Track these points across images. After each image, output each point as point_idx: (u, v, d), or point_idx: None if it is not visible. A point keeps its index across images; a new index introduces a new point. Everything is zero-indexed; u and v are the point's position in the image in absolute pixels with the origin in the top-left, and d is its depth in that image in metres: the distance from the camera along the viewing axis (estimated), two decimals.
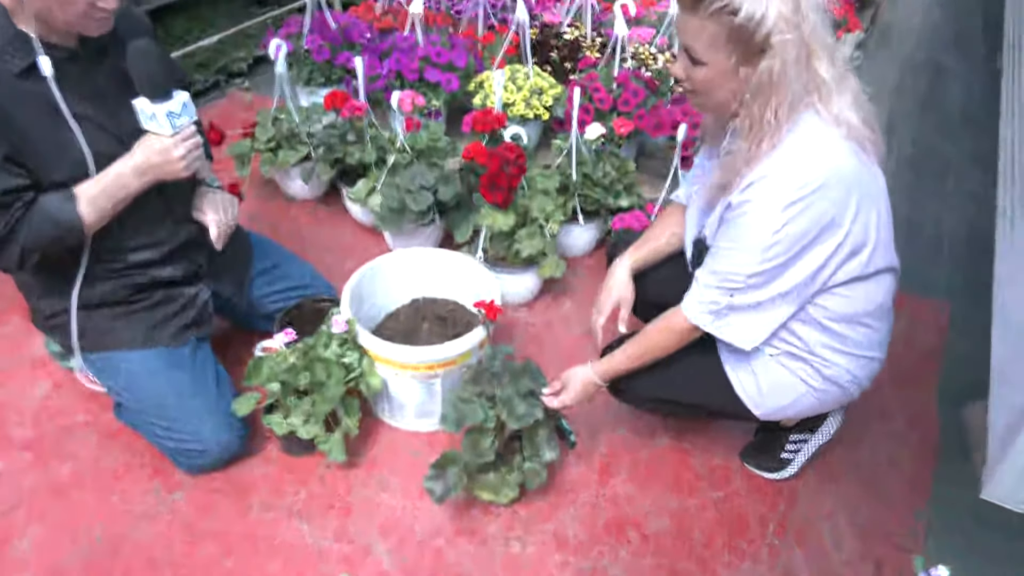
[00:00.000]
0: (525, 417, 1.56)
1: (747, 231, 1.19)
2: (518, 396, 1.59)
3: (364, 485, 1.74)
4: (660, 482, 1.78)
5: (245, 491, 1.71)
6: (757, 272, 1.22)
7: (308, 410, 1.65)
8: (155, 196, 1.50)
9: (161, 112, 1.44)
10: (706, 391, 1.54)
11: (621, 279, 1.63)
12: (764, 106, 1.13)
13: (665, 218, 1.66)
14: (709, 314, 1.30)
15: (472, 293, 1.99)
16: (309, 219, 2.62)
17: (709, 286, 1.28)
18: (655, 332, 1.45)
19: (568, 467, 1.80)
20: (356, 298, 1.84)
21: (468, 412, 1.56)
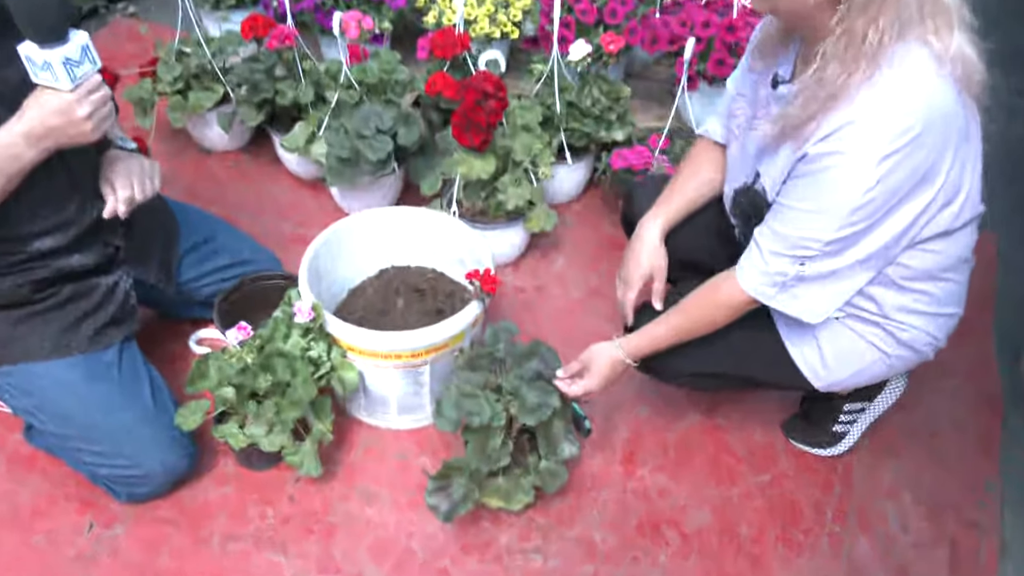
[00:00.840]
0: (540, 409, 1.50)
1: (831, 190, 1.13)
2: (527, 384, 1.52)
3: (345, 499, 1.67)
4: (695, 469, 1.75)
5: (200, 519, 1.63)
6: (837, 238, 1.16)
7: (271, 418, 1.56)
8: (57, 168, 1.38)
9: (56, 60, 1.28)
10: (757, 362, 1.50)
11: (652, 244, 1.55)
12: (869, 22, 1.05)
13: (696, 160, 1.56)
14: (772, 286, 1.24)
15: (453, 257, 1.92)
16: (233, 175, 2.50)
17: (775, 253, 1.22)
18: (700, 305, 1.39)
19: (586, 459, 1.76)
20: (313, 275, 1.75)
21: (472, 409, 1.48)
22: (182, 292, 1.83)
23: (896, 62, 1.11)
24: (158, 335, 1.94)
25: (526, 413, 1.50)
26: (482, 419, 1.49)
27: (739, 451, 1.76)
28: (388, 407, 1.74)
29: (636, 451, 1.76)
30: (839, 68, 1.12)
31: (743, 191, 1.40)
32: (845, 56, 1.11)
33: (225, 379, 1.58)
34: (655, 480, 1.71)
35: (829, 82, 1.13)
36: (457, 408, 1.50)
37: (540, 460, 1.59)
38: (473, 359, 1.60)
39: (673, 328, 1.43)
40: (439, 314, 1.85)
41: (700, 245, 1.60)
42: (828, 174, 1.16)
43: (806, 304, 1.28)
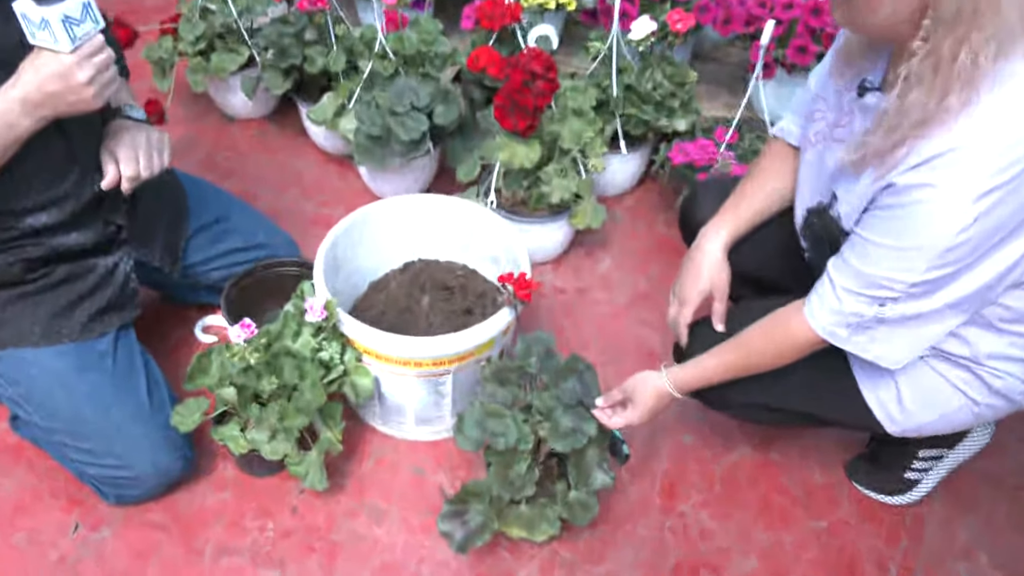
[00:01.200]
0: (574, 436, 1.43)
1: (920, 227, 1.04)
2: (562, 406, 1.44)
3: (352, 516, 1.63)
4: (743, 508, 1.68)
5: (194, 527, 1.60)
6: (924, 280, 1.07)
7: (275, 424, 1.50)
8: (54, 137, 1.34)
9: (55, 18, 1.22)
10: (822, 399, 1.42)
11: (714, 258, 1.45)
12: (959, 42, 0.94)
13: (767, 166, 1.47)
14: (846, 327, 1.15)
15: (486, 254, 1.85)
16: (255, 145, 2.45)
17: (851, 292, 1.13)
18: (763, 340, 1.30)
19: (622, 489, 1.70)
20: (331, 266, 1.69)
21: (497, 429, 1.41)
22: (188, 276, 1.78)
23: (997, 85, 0.99)
24: (160, 320, 1.91)
25: (558, 438, 1.43)
26: (507, 441, 1.42)
27: (794, 491, 1.70)
28: (404, 416, 1.69)
29: (677, 483, 1.70)
30: (925, 94, 1.01)
31: (816, 212, 1.30)
32: (934, 80, 1.01)
33: (227, 377, 1.53)
34: (697, 517, 1.65)
35: (915, 108, 1.02)
36: (480, 427, 1.43)
37: (569, 489, 1.51)
38: (501, 371, 1.53)
39: (729, 364, 1.35)
40: (468, 315, 1.79)
41: (765, 261, 1.51)
42: (917, 209, 1.06)
43: (884, 349, 1.19)
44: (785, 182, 1.46)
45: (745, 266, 1.52)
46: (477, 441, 1.45)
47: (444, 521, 1.46)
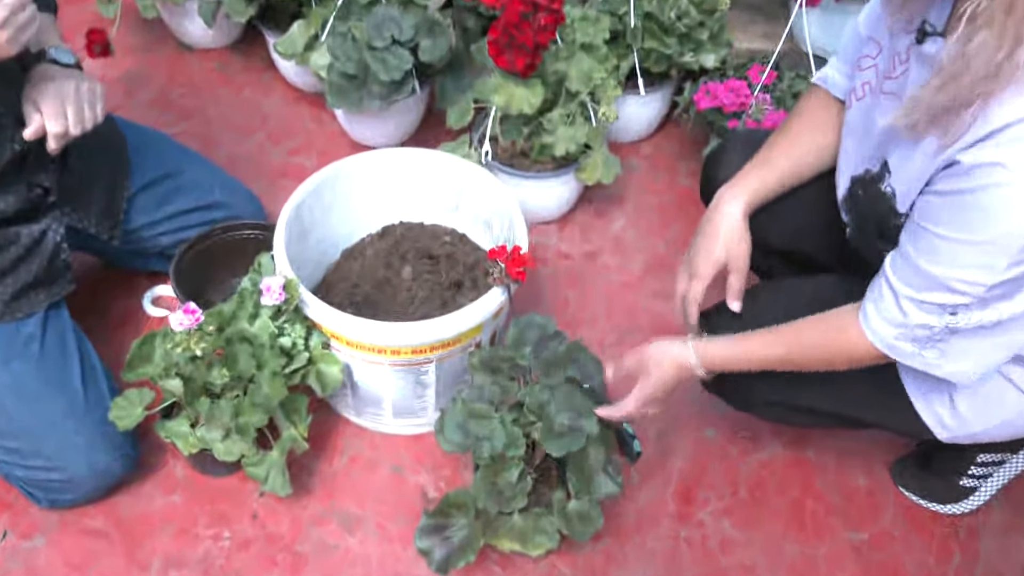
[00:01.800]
0: (571, 435, 1.37)
1: (992, 215, 0.97)
2: (555, 400, 1.39)
3: (320, 523, 1.59)
4: (771, 515, 1.64)
5: (138, 535, 1.56)
6: (1004, 281, 1.00)
7: (228, 422, 1.44)
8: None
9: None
10: (863, 403, 1.36)
11: (731, 225, 1.36)
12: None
13: (805, 116, 1.38)
14: (912, 341, 1.10)
15: (479, 216, 1.79)
16: (216, 80, 2.38)
17: (915, 301, 1.05)
18: (815, 340, 1.23)
19: (632, 492, 1.65)
20: (296, 230, 1.63)
21: (481, 432, 1.35)
22: (132, 242, 1.73)
23: None
24: (102, 290, 1.85)
25: (552, 440, 1.37)
26: (494, 447, 1.37)
27: (831, 497, 1.66)
28: (382, 408, 1.64)
29: (696, 486, 1.66)
30: (995, 39, 0.91)
31: (862, 181, 1.20)
32: (1005, 22, 0.90)
33: (172, 366, 1.46)
34: (718, 526, 1.61)
35: (979, 57, 0.92)
36: (462, 430, 1.38)
37: (569, 498, 1.45)
38: (492, 359, 1.46)
39: (769, 354, 1.26)
40: (456, 289, 1.74)
41: (800, 230, 1.43)
42: (988, 195, 0.96)
43: (960, 364, 1.11)
44: (826, 137, 1.36)
45: (775, 236, 1.45)
46: (460, 445, 1.39)
47: (423, 536, 1.42)
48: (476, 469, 1.47)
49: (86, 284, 1.76)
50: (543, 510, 1.49)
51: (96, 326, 1.69)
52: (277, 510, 1.60)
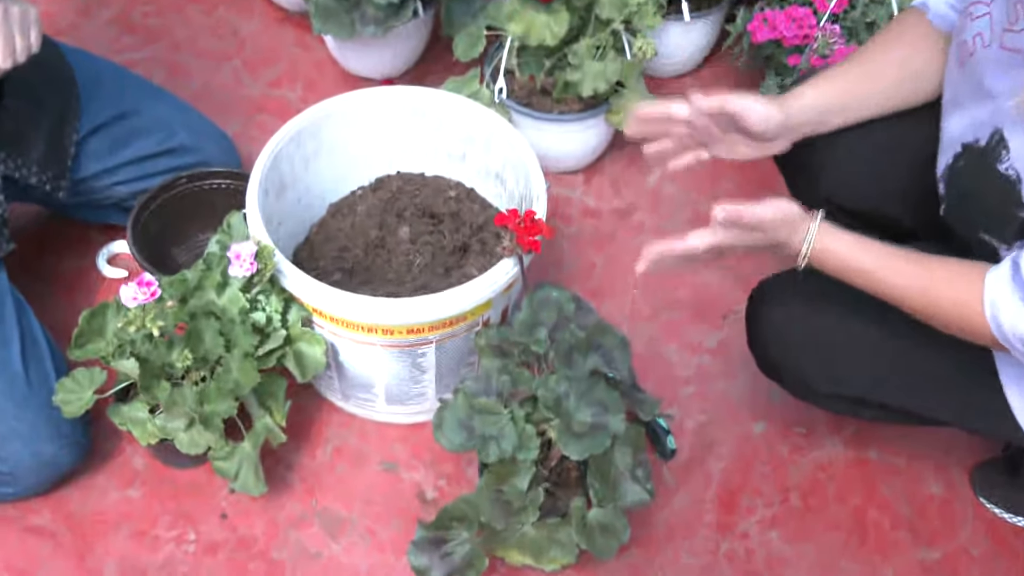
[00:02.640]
0: (594, 436, 1.35)
1: None
2: (578, 393, 1.36)
3: (300, 525, 1.58)
4: (828, 527, 1.62)
5: (90, 536, 1.56)
6: None
7: (191, 410, 1.43)
8: None
9: None
10: (945, 398, 1.33)
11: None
12: None
13: (894, 35, 1.33)
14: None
15: (489, 167, 1.75)
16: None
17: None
18: (946, 295, 1.15)
19: (665, 496, 1.64)
20: (274, 183, 1.61)
21: (487, 431, 1.33)
22: (82, 193, 1.70)
23: None
24: (48, 247, 1.82)
25: (570, 439, 1.34)
26: (501, 449, 1.33)
27: (899, 507, 1.64)
28: (372, 393, 1.62)
29: (740, 491, 1.65)
30: None
31: (969, 153, 1.14)
32: None
33: (127, 344, 1.43)
34: (765, 539, 1.60)
35: None
36: (464, 428, 1.35)
37: (591, 507, 1.43)
38: (502, 342, 1.43)
39: (892, 279, 1.18)
40: (462, 254, 1.71)
41: (889, 186, 1.39)
42: None
43: None
44: (921, 61, 1.31)
45: (855, 192, 1.41)
46: (462, 445, 1.37)
47: (418, 552, 1.40)
48: (482, 470, 1.45)
49: (28, 240, 1.73)
50: (559, 520, 1.46)
51: (41, 291, 1.67)
52: (250, 510, 1.59)
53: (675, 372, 1.77)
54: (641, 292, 1.88)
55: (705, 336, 1.82)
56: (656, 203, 2.04)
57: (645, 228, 1.99)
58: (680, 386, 1.76)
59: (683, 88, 2.21)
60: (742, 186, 2.04)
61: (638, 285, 1.88)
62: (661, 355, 1.79)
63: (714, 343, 1.82)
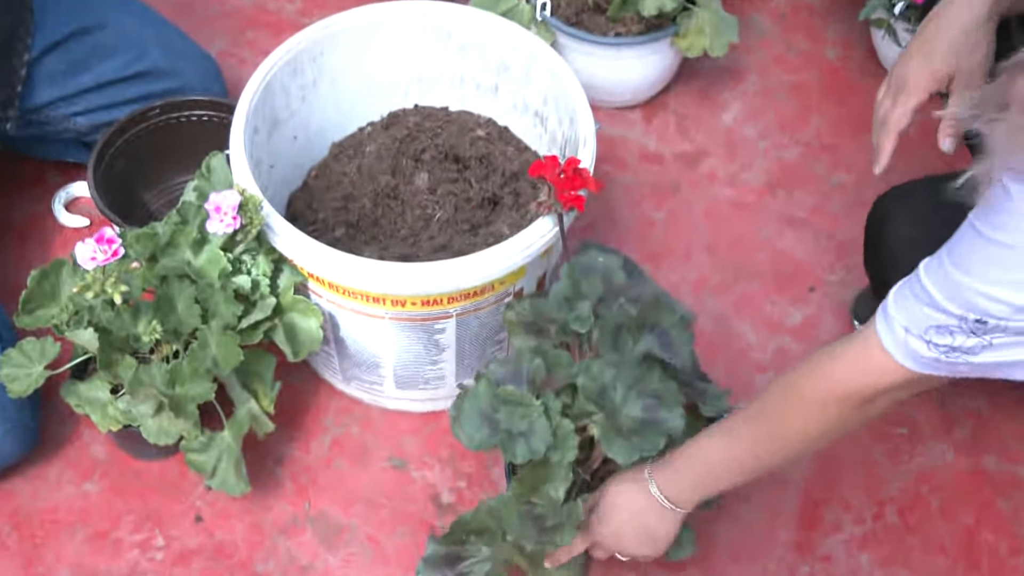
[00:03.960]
0: (645, 435, 1.33)
1: None
2: (627, 382, 1.35)
3: (290, 532, 1.60)
4: (931, 550, 1.61)
5: (41, 537, 1.58)
6: None
7: (159, 393, 1.44)
8: None
9: None
10: None
11: (970, 25, 1.35)
12: None
13: None
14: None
15: (526, 102, 1.75)
16: None
17: None
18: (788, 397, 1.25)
19: (733, 507, 1.64)
20: (265, 117, 1.61)
21: (515, 426, 1.33)
22: (34, 125, 1.72)
23: None
24: (8, 188, 1.85)
25: (616, 439, 1.33)
26: (532, 449, 1.33)
27: (1020, 528, 1.64)
28: (380, 375, 1.63)
29: (824, 503, 1.64)
30: None
31: None
32: None
33: (84, 311, 1.45)
34: (853, 563, 1.59)
35: None
36: (487, 423, 1.34)
37: None
38: (537, 319, 1.43)
39: (737, 450, 1.29)
40: (491, 209, 1.71)
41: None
42: None
43: None
44: None
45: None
46: (484, 442, 1.37)
47: (430, 570, 1.40)
48: (509, 472, 1.46)
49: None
50: None
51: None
52: (230, 511, 1.61)
53: (749, 356, 1.77)
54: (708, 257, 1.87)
55: (787, 312, 1.82)
56: (731, 148, 2.03)
57: (717, 178, 1.99)
58: (755, 373, 1.75)
59: (768, 7, 2.23)
60: (835, 124, 2.05)
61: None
62: (733, 335, 1.79)
63: (797, 320, 1.81)
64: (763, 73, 2.13)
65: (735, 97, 2.09)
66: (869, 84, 2.03)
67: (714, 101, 2.08)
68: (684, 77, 2.09)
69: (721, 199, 1.96)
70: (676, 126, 2.05)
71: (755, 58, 2.14)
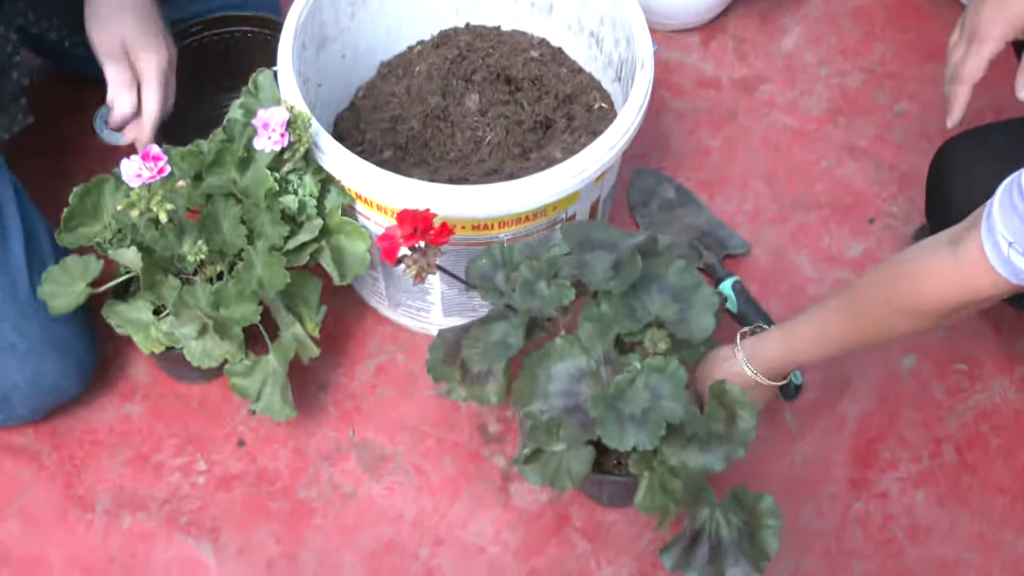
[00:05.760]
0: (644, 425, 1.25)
1: None
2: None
3: (333, 459, 1.61)
4: (990, 491, 1.60)
5: (81, 460, 1.59)
6: None
7: (203, 314, 1.43)
8: None
9: None
10: None
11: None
12: None
13: None
14: None
15: (581, 23, 1.73)
16: None
17: None
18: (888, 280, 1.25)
19: (785, 443, 1.63)
20: (313, 34, 1.60)
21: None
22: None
23: None
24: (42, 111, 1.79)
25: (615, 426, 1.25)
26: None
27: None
28: (427, 301, 1.63)
29: (880, 440, 1.63)
30: None
31: None
32: None
33: (128, 230, 1.45)
34: (908, 501, 1.59)
35: None
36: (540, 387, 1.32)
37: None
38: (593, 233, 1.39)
39: (833, 327, 1.31)
40: (543, 132, 1.69)
41: None
42: None
43: None
44: None
45: None
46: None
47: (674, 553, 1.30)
48: None
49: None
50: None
51: (30, 167, 1.66)
52: (273, 437, 1.61)
53: (807, 288, 1.75)
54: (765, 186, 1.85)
55: (846, 244, 1.80)
56: (791, 73, 2.00)
57: (776, 105, 1.96)
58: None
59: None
60: (900, 51, 2.02)
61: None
62: (790, 266, 1.77)
63: (857, 253, 1.79)
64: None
65: (796, 21, 2.06)
66: (936, 9, 2.01)
67: (774, 25, 2.06)
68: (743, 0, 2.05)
69: (779, 127, 1.94)
70: (734, 50, 2.03)
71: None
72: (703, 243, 1.75)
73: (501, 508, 1.55)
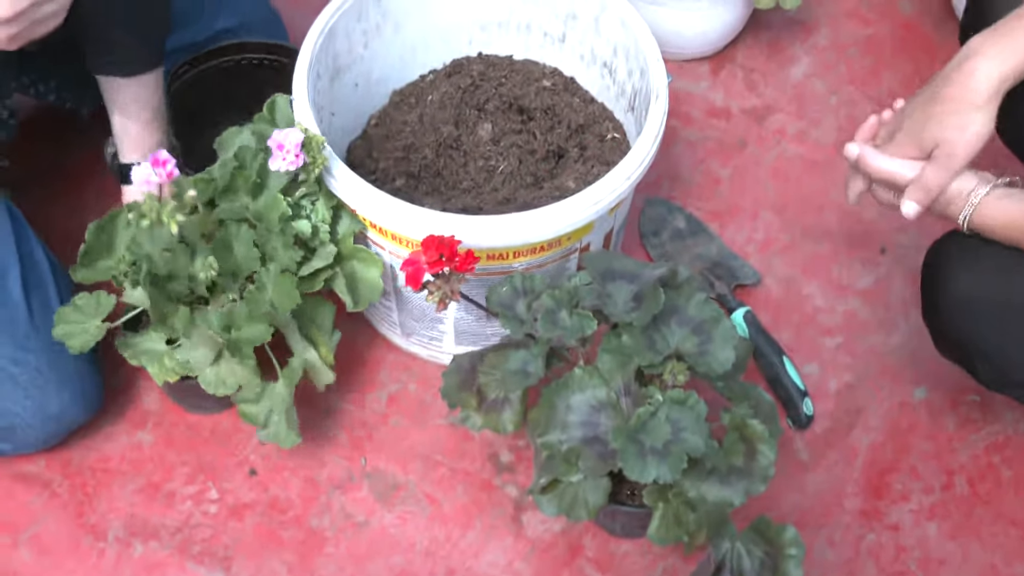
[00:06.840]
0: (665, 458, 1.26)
1: None
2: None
3: (345, 488, 1.61)
4: (1001, 522, 1.60)
5: (93, 488, 1.59)
6: None
7: (218, 336, 1.43)
8: None
9: None
10: None
11: (972, 99, 1.32)
12: None
13: None
14: None
15: (593, 52, 1.74)
16: None
17: None
18: None
19: (797, 472, 1.63)
20: (327, 63, 1.61)
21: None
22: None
23: None
24: (46, 133, 1.86)
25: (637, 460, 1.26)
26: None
27: None
28: (439, 330, 1.63)
29: (892, 471, 1.63)
30: None
31: None
32: None
33: (143, 259, 1.44)
34: (920, 532, 1.58)
35: None
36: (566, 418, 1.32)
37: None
38: (612, 264, 1.40)
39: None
40: (556, 162, 1.70)
41: None
42: None
43: None
44: None
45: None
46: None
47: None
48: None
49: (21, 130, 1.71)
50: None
51: (36, 194, 1.67)
52: (284, 465, 1.61)
53: (818, 318, 1.75)
54: (776, 216, 1.86)
55: (857, 274, 1.80)
56: (801, 104, 2.01)
57: (785, 135, 1.97)
58: (822, 337, 1.74)
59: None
60: (908, 80, 2.02)
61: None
62: (801, 296, 1.77)
63: (868, 283, 1.79)
64: (834, 27, 2.10)
65: (805, 51, 2.07)
66: (944, 40, 2.01)
67: (783, 55, 2.06)
68: (753, 30, 2.06)
69: (789, 156, 1.94)
70: (744, 80, 2.03)
71: (826, 11, 2.11)
72: (714, 273, 1.76)
73: (513, 538, 1.54)
